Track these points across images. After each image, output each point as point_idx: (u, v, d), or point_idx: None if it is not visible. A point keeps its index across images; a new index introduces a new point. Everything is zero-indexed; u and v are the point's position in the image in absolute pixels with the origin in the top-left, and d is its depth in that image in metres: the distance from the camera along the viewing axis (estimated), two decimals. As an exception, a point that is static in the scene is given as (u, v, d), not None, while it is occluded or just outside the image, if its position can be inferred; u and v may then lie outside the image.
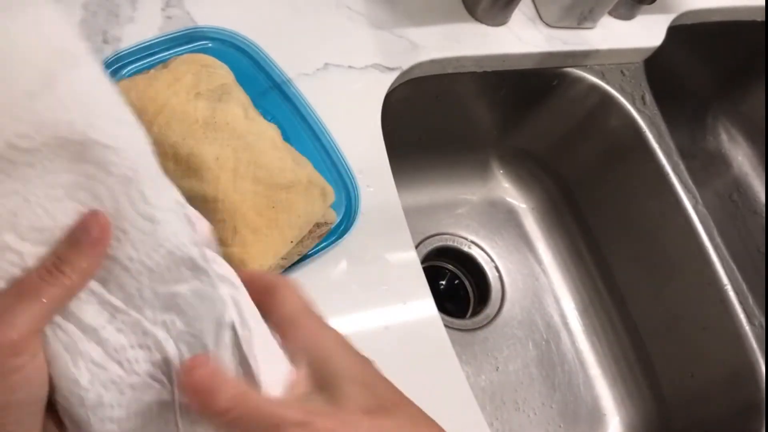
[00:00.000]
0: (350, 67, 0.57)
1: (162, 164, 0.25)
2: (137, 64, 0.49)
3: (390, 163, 0.53)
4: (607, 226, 0.78)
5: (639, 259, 0.75)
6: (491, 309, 0.76)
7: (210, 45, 0.52)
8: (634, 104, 0.71)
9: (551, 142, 0.80)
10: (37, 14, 0.22)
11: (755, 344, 0.63)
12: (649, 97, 0.72)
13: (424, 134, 0.73)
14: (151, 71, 0.46)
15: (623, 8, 0.70)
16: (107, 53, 0.49)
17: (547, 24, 0.67)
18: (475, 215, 0.81)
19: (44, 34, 0.22)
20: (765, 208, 0.87)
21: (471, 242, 0.79)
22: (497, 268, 0.78)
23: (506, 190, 0.83)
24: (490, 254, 0.79)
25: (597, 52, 0.69)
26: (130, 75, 0.48)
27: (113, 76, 0.48)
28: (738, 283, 0.65)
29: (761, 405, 0.61)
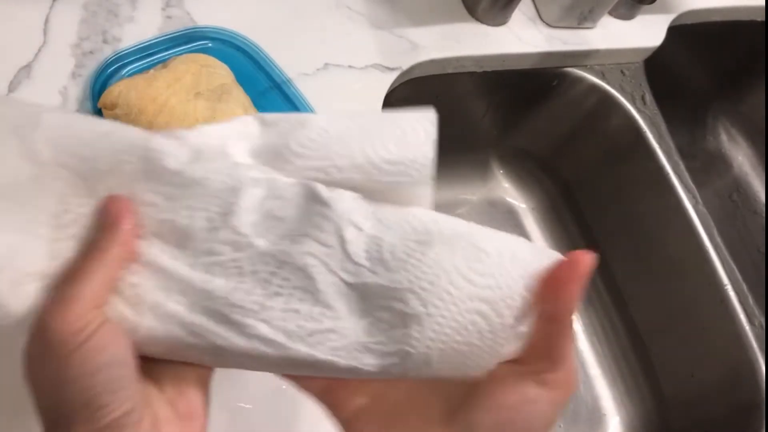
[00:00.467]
0: (350, 67, 0.57)
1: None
2: (137, 64, 0.49)
3: (390, 163, 0.53)
4: (607, 226, 0.78)
5: (639, 259, 0.75)
6: (491, 309, 0.76)
7: (210, 45, 0.52)
8: (634, 104, 0.71)
9: (551, 142, 0.80)
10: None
11: (755, 344, 0.63)
12: (649, 97, 0.72)
13: (424, 134, 0.73)
14: (151, 71, 0.46)
15: (623, 8, 0.70)
16: (107, 53, 0.49)
17: (547, 24, 0.67)
18: (475, 215, 0.81)
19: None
20: (765, 208, 0.87)
21: (471, 242, 0.79)
22: (497, 268, 0.78)
23: (506, 190, 0.83)
24: (490, 254, 0.79)
25: (597, 52, 0.69)
26: (130, 75, 0.48)
27: (113, 76, 0.48)
28: (738, 283, 0.65)
29: (761, 405, 0.61)
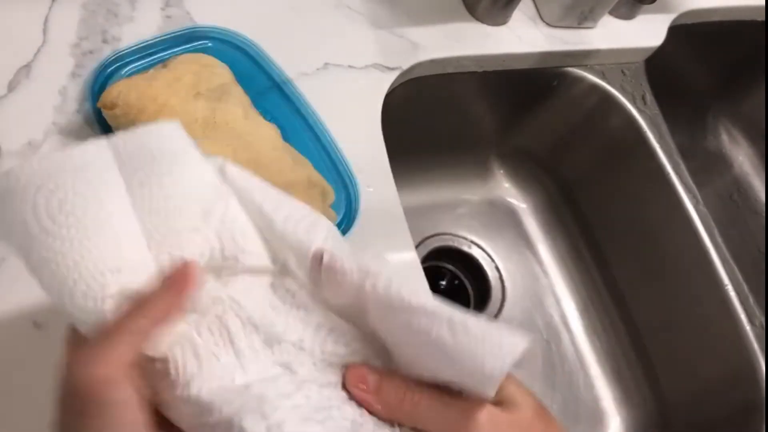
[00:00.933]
0: (350, 67, 0.57)
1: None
2: (137, 64, 0.49)
3: (390, 163, 0.53)
4: (608, 226, 0.78)
5: (639, 259, 0.75)
6: (491, 309, 0.76)
7: (210, 45, 0.52)
8: (635, 104, 0.71)
9: (551, 142, 0.80)
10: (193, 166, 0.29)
11: (755, 344, 0.63)
12: (650, 97, 0.72)
13: (424, 134, 0.73)
14: (151, 71, 0.46)
15: (624, 8, 0.70)
16: (107, 53, 0.49)
17: (548, 23, 0.67)
18: (475, 215, 0.81)
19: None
20: (765, 208, 0.87)
21: (471, 242, 0.79)
22: (497, 268, 0.78)
23: (506, 190, 0.83)
24: (490, 254, 0.79)
25: (597, 52, 0.69)
26: (130, 75, 0.48)
27: (113, 76, 0.48)
28: (738, 283, 0.65)
29: (761, 405, 0.61)
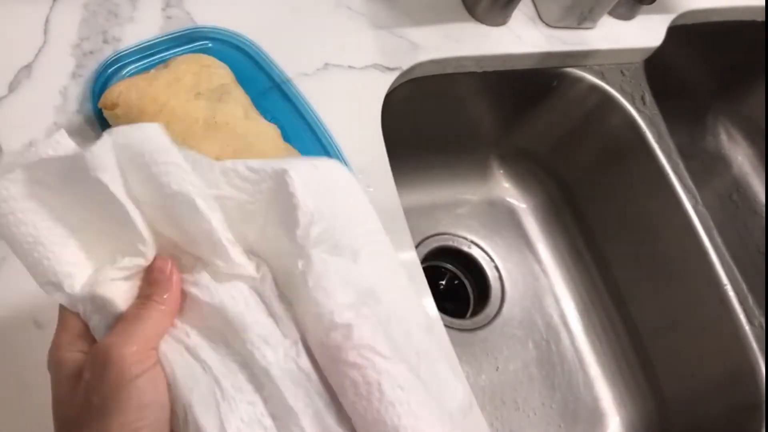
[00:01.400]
0: (350, 67, 0.57)
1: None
2: (137, 64, 0.49)
3: (390, 163, 0.53)
4: (607, 226, 0.78)
5: (639, 259, 0.75)
6: (491, 309, 0.76)
7: (210, 45, 0.52)
8: (634, 104, 0.71)
9: (551, 142, 0.80)
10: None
11: (755, 344, 0.63)
12: (649, 97, 0.72)
13: (425, 134, 0.73)
14: (152, 71, 0.46)
15: (623, 8, 0.70)
16: (107, 53, 0.49)
17: (547, 24, 0.67)
18: (475, 215, 0.81)
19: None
20: (765, 208, 0.87)
21: (471, 242, 0.79)
22: (497, 268, 0.78)
23: (506, 190, 0.83)
24: (490, 254, 0.79)
25: (597, 52, 0.69)
26: (130, 75, 0.48)
27: (113, 76, 0.48)
28: (738, 283, 0.65)
29: (761, 405, 0.61)
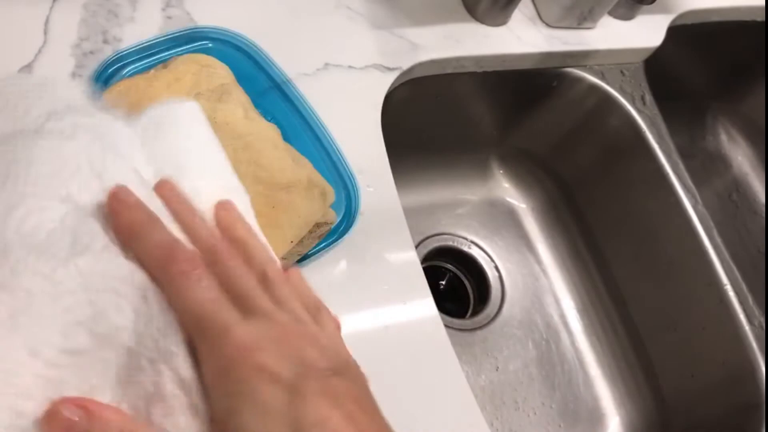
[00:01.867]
0: (350, 67, 0.57)
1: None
2: (137, 64, 0.49)
3: (390, 163, 0.53)
4: (607, 226, 0.78)
5: (639, 259, 0.75)
6: (491, 309, 0.76)
7: (210, 45, 0.52)
8: (634, 104, 0.71)
9: (551, 142, 0.80)
10: None
11: (755, 344, 0.63)
12: (649, 97, 0.72)
13: (424, 134, 0.73)
14: (151, 71, 0.46)
15: (623, 8, 0.70)
16: (107, 53, 0.49)
17: (547, 24, 0.67)
18: (475, 215, 0.81)
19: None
20: (765, 208, 0.87)
21: (471, 242, 0.79)
22: (497, 268, 0.78)
23: (506, 190, 0.83)
24: (490, 254, 0.79)
25: (597, 52, 0.69)
26: (130, 75, 0.48)
27: (113, 76, 0.48)
28: (738, 283, 0.65)
29: (761, 405, 0.61)
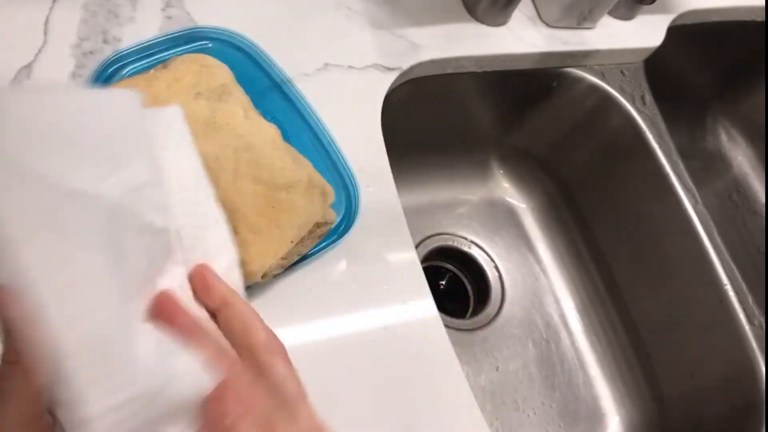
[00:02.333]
0: (350, 67, 0.57)
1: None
2: (137, 64, 0.49)
3: (390, 163, 0.53)
4: (607, 226, 0.78)
5: (639, 259, 0.75)
6: (491, 309, 0.76)
7: (210, 45, 0.52)
8: (634, 104, 0.71)
9: (551, 142, 0.80)
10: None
11: (755, 344, 0.63)
12: (649, 97, 0.72)
13: (424, 134, 0.73)
14: (151, 71, 0.46)
15: (623, 8, 0.70)
16: (107, 53, 0.49)
17: (547, 24, 0.67)
18: (475, 215, 0.81)
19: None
20: (765, 208, 0.87)
21: (471, 242, 0.79)
22: (497, 268, 0.78)
23: (506, 190, 0.83)
24: (490, 254, 0.79)
25: (597, 52, 0.69)
26: (130, 75, 0.48)
27: (113, 76, 0.48)
28: (738, 283, 0.65)
29: (761, 405, 0.61)
